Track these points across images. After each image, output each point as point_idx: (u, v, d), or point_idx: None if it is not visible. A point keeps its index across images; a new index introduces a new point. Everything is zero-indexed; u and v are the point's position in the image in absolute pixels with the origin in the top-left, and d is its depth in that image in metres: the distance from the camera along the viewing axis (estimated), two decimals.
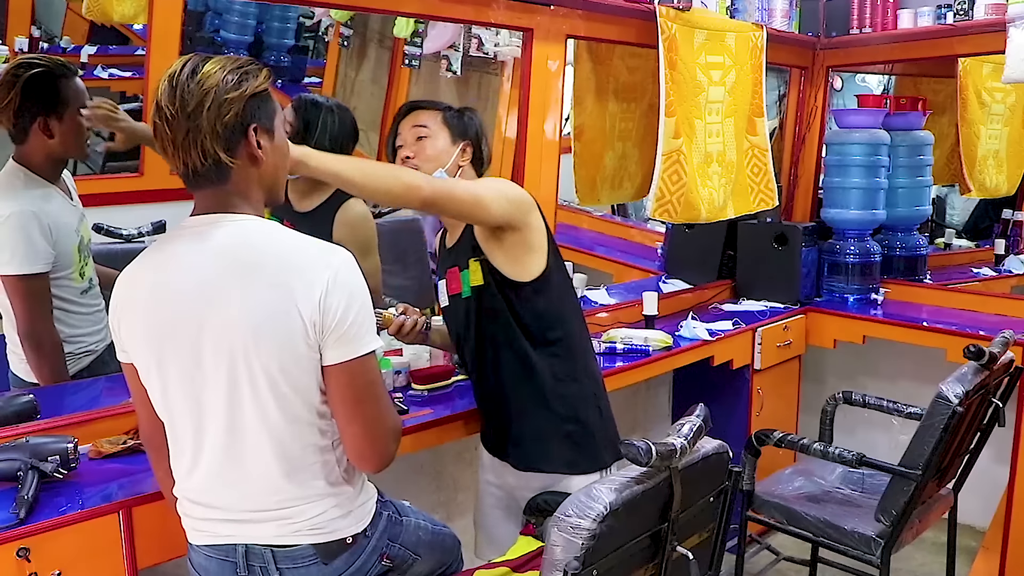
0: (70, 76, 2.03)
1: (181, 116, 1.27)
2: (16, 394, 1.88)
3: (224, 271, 1.30)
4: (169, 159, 1.32)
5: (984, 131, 3.80)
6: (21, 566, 1.44)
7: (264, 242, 1.33)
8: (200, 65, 1.30)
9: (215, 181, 1.32)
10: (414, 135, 1.89)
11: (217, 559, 1.41)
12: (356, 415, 1.36)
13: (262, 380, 1.30)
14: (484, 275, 1.85)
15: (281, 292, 1.28)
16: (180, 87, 1.28)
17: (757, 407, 3.15)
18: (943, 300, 3.45)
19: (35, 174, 2.02)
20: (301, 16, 4.89)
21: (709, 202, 2.98)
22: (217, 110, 1.28)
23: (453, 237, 1.95)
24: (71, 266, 2.06)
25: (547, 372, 1.87)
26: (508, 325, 1.85)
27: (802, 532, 2.36)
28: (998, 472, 2.88)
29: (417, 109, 1.94)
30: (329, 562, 1.40)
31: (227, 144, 1.30)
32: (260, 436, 1.33)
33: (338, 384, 1.34)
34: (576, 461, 1.88)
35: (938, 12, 3.20)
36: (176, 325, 1.32)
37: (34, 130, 1.98)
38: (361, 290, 1.34)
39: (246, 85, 1.31)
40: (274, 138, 1.38)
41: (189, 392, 1.34)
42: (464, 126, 1.92)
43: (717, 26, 2.97)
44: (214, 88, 1.28)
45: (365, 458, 1.40)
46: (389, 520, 1.53)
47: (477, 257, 1.85)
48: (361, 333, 1.33)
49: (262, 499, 1.37)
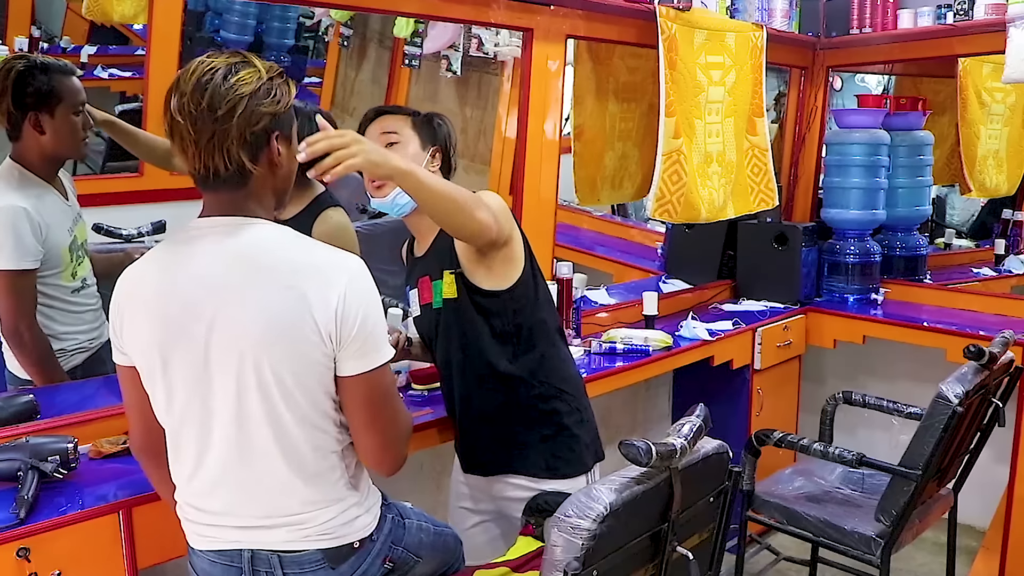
0: (64, 73, 2.02)
1: (208, 118, 1.25)
2: (16, 394, 1.87)
3: (238, 274, 1.29)
4: (187, 159, 1.30)
5: (984, 131, 3.80)
6: (21, 566, 1.44)
7: (279, 246, 1.32)
8: (235, 69, 1.28)
9: (233, 186, 1.31)
10: (383, 141, 1.83)
11: (222, 564, 1.39)
12: (373, 424, 1.36)
13: (272, 383, 1.29)
14: (458, 287, 1.82)
15: (294, 296, 1.27)
16: (212, 88, 1.25)
17: (757, 407, 3.15)
18: (943, 300, 3.45)
19: (31, 172, 2.01)
20: (301, 16, 4.89)
21: (709, 202, 2.98)
22: (248, 117, 1.27)
23: (423, 247, 1.91)
24: (61, 266, 2.05)
25: (523, 379, 1.84)
26: (482, 335, 1.82)
27: (802, 532, 2.36)
28: (998, 472, 2.88)
29: (384, 114, 1.88)
30: (336, 567, 1.39)
31: (253, 151, 1.30)
32: (269, 440, 1.32)
33: (356, 394, 1.33)
34: (556, 466, 1.86)
35: (938, 12, 3.20)
36: (185, 325, 1.30)
37: (26, 127, 1.98)
38: (376, 299, 1.33)
39: (280, 98, 1.31)
40: (291, 146, 1.38)
41: (196, 394, 1.32)
42: (433, 132, 1.89)
43: (717, 26, 2.97)
44: (249, 95, 1.26)
45: (381, 463, 1.41)
46: (393, 523, 1.52)
47: (452, 269, 1.82)
48: (378, 344, 1.33)
49: (273, 504, 1.36)
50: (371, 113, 1.90)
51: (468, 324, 1.83)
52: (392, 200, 1.80)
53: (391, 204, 1.81)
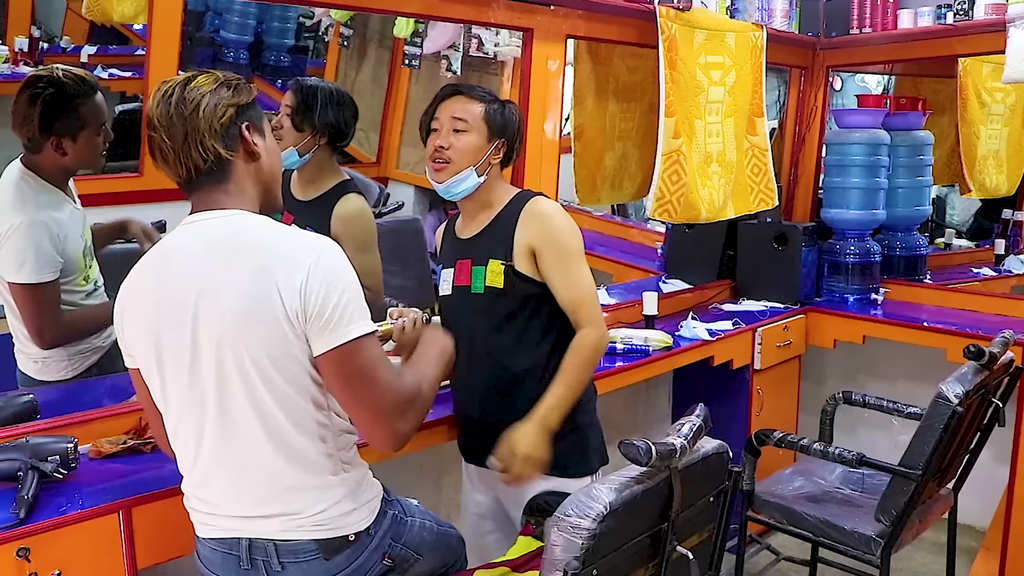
0: (91, 95, 2.01)
1: (177, 121, 1.33)
2: (16, 394, 1.88)
3: (214, 261, 1.33)
4: (169, 167, 1.37)
5: (984, 131, 3.80)
6: (21, 566, 1.44)
7: (251, 231, 1.36)
8: (191, 79, 1.36)
9: (215, 179, 1.37)
10: (452, 126, 1.86)
11: (221, 552, 1.43)
12: (352, 399, 1.38)
13: (250, 366, 1.32)
14: (507, 279, 1.84)
15: (264, 277, 1.30)
16: (174, 96, 1.34)
17: (757, 407, 3.15)
18: (943, 300, 3.45)
19: (44, 180, 2.01)
20: (301, 16, 4.90)
21: (709, 202, 2.98)
22: (213, 110, 1.34)
23: (471, 230, 1.94)
24: (77, 271, 2.07)
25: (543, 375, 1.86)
26: (514, 326, 1.86)
27: (802, 532, 2.36)
28: (998, 472, 2.88)
29: (461, 95, 1.88)
30: (331, 558, 1.41)
31: (225, 140, 1.36)
32: (254, 424, 1.35)
33: (328, 372, 1.35)
34: (566, 465, 1.88)
35: (938, 12, 3.20)
36: (173, 318, 1.34)
37: (48, 146, 1.98)
38: (344, 275, 1.34)
39: (238, 94, 1.38)
40: (266, 139, 1.44)
41: (187, 384, 1.36)
42: (503, 124, 1.89)
43: (717, 26, 2.97)
44: (208, 92, 1.35)
45: (375, 439, 1.42)
46: (394, 519, 1.53)
47: (504, 261, 1.85)
48: (344, 319, 1.33)
49: (265, 491, 1.38)
50: (448, 90, 1.92)
51: (503, 313, 1.86)
52: (448, 186, 1.87)
53: (449, 189, 1.88)
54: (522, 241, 1.84)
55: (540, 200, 1.89)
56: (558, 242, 1.84)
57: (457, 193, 1.89)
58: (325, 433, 1.40)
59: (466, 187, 1.87)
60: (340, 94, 2.32)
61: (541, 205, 1.88)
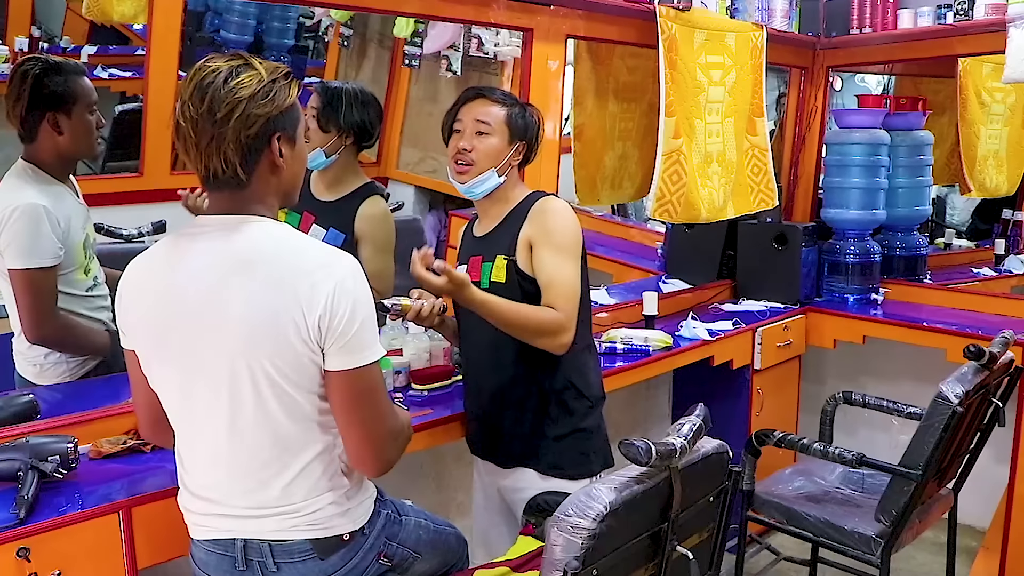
0: (77, 74, 2.05)
1: (207, 121, 1.28)
2: (16, 394, 1.88)
3: (229, 270, 1.31)
4: (190, 161, 1.33)
5: (984, 131, 3.80)
6: (21, 566, 1.44)
7: (272, 243, 1.34)
8: (236, 72, 1.30)
9: (234, 186, 1.34)
10: (475, 128, 1.89)
11: (216, 553, 1.42)
12: (354, 420, 1.37)
13: (262, 378, 1.31)
14: (508, 273, 1.87)
15: (283, 292, 1.29)
16: (212, 91, 1.28)
17: (757, 407, 3.15)
18: (943, 300, 3.45)
19: (45, 172, 2.03)
20: (301, 16, 4.89)
21: (709, 202, 2.98)
22: (244, 121, 1.29)
23: (485, 228, 1.97)
24: (76, 264, 2.07)
25: (548, 374, 1.88)
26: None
27: (802, 532, 2.36)
28: (998, 472, 2.88)
29: (484, 98, 1.91)
30: (326, 558, 1.41)
31: (249, 154, 1.32)
32: (261, 432, 1.34)
33: (337, 389, 1.35)
34: (562, 465, 1.89)
35: (938, 12, 3.20)
36: (180, 323, 1.33)
37: (43, 127, 1.99)
38: (366, 298, 1.35)
39: (277, 99, 1.32)
40: (295, 146, 1.40)
41: (189, 387, 1.35)
42: (524, 127, 1.92)
43: (717, 26, 2.97)
44: (246, 99, 1.29)
45: (364, 461, 1.41)
46: (388, 519, 1.53)
47: (507, 256, 1.87)
48: (364, 343, 1.33)
49: (262, 492, 1.38)
50: (471, 92, 1.95)
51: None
52: (471, 186, 1.92)
53: (471, 189, 1.93)
54: (524, 237, 1.87)
55: (550, 199, 1.92)
56: (552, 236, 1.85)
57: (478, 193, 1.92)
58: (328, 441, 1.39)
59: (487, 187, 1.91)
60: (364, 94, 2.34)
61: (549, 203, 1.90)
